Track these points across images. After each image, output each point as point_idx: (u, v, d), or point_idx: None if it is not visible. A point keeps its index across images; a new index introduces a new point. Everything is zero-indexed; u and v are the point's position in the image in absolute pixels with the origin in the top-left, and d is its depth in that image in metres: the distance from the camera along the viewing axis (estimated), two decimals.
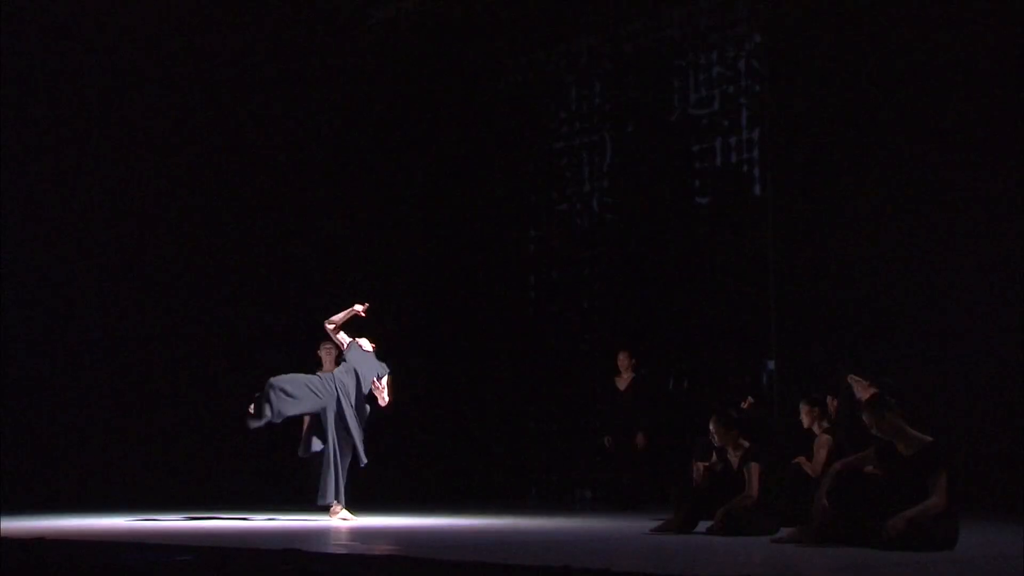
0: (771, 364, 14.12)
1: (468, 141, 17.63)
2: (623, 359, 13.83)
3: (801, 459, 10.57)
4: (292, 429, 12.80)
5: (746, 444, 9.51)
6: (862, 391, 10.09)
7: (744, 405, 11.61)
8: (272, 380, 11.21)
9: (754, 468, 9.33)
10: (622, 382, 13.87)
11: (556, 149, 16.68)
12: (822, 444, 10.47)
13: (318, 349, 12.98)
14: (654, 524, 9.82)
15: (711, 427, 9.64)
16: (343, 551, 7.80)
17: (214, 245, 15.43)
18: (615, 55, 16.12)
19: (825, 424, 10.64)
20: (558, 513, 12.86)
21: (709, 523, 9.27)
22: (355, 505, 11.87)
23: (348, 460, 11.52)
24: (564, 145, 16.59)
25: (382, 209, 16.95)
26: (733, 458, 9.54)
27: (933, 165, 13.15)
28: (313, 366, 12.73)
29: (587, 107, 16.44)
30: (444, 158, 17.60)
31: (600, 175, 16.18)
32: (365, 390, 11.59)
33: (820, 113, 14.00)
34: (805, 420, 10.74)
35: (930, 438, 7.88)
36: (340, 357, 12.68)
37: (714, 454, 9.86)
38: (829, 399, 10.87)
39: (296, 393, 11.23)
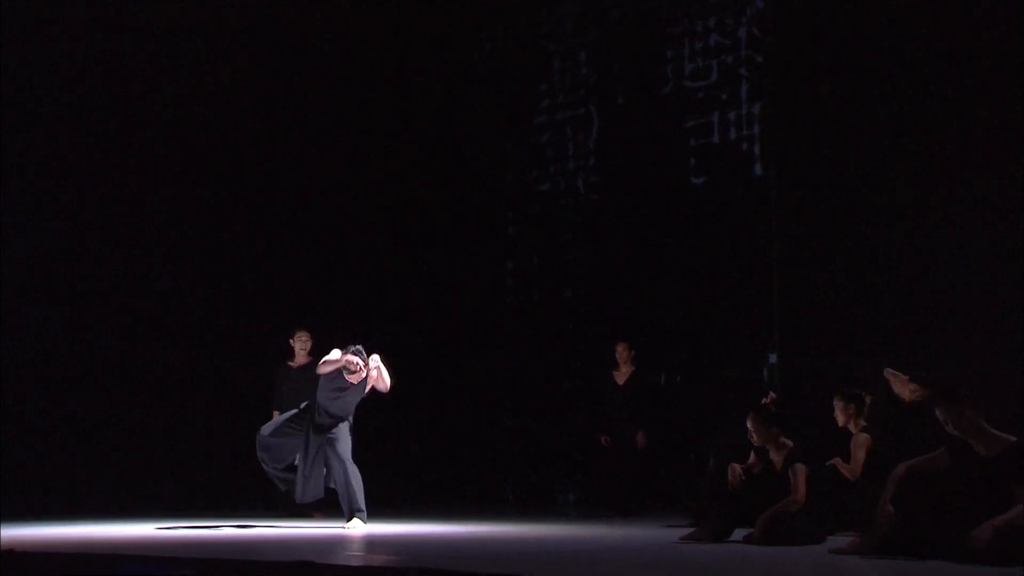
0: (773, 358, 14.02)
1: (441, 115, 17.38)
2: (622, 351, 13.64)
3: (837, 460, 10.39)
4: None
5: (789, 443, 9.28)
6: (901, 387, 10.05)
7: (765, 402, 11.17)
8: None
9: (799, 470, 9.08)
10: (620, 376, 13.68)
11: (537, 124, 16.50)
12: (860, 444, 10.31)
13: (291, 339, 13.09)
14: (683, 532, 9.62)
15: (749, 425, 9.39)
16: (361, 563, 7.57)
17: (197, 247, 15.64)
18: (602, 22, 15.96)
19: (862, 422, 10.46)
20: (545, 519, 12.69)
21: (746, 531, 9.06)
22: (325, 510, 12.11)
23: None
24: (546, 120, 16.41)
25: (346, 190, 16.82)
26: (775, 459, 9.30)
27: (952, 142, 12.94)
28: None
29: (571, 79, 16.22)
30: (414, 134, 17.32)
31: (586, 152, 16.00)
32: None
33: (827, 86, 13.81)
34: (840, 418, 10.55)
35: (1013, 438, 7.58)
36: (314, 348, 12.85)
37: (752, 454, 9.58)
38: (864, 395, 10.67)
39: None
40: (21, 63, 14.37)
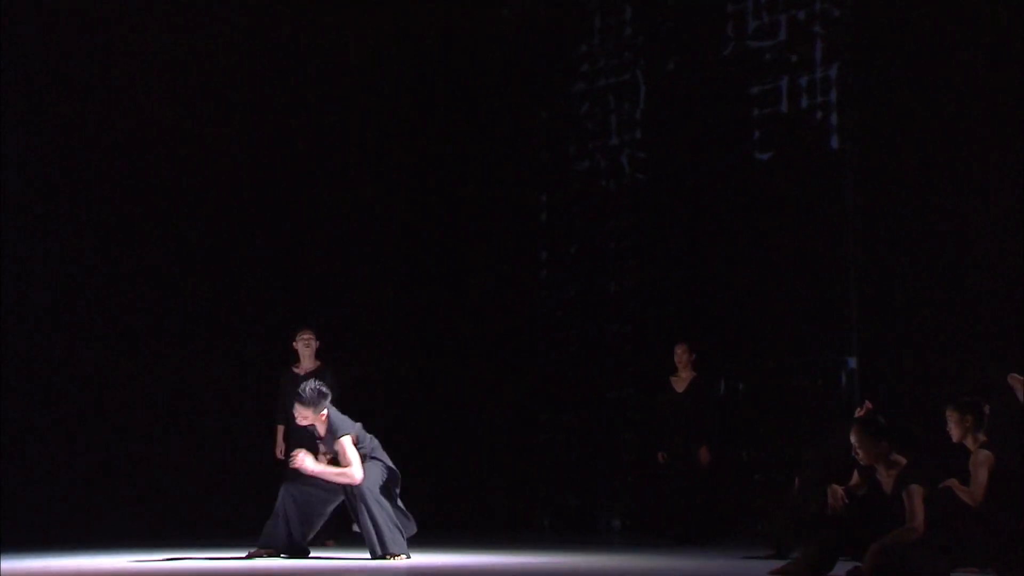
0: (852, 362, 13.65)
1: (464, 83, 17.15)
2: (681, 354, 13.50)
3: (952, 482, 9.56)
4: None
5: (902, 460, 8.92)
6: None
7: (859, 413, 10.69)
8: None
9: (915, 491, 8.69)
10: (680, 383, 13.55)
11: (575, 92, 16.21)
12: (981, 462, 9.49)
13: (293, 341, 12.93)
14: (766, 565, 9.59)
15: (853, 440, 9.01)
16: None
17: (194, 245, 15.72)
18: None
19: (982, 437, 9.68)
20: (587, 548, 12.58)
21: (850, 564, 8.81)
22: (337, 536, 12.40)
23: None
24: (585, 87, 16.12)
25: (356, 169, 16.57)
26: (885, 478, 8.92)
27: None
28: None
29: (615, 39, 15.91)
30: (434, 105, 17.12)
31: (631, 125, 15.67)
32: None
33: (914, 44, 13.29)
34: (954, 432, 9.80)
35: None
36: (321, 350, 12.90)
37: (854, 473, 9.34)
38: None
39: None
40: (21, 63, 14.65)
